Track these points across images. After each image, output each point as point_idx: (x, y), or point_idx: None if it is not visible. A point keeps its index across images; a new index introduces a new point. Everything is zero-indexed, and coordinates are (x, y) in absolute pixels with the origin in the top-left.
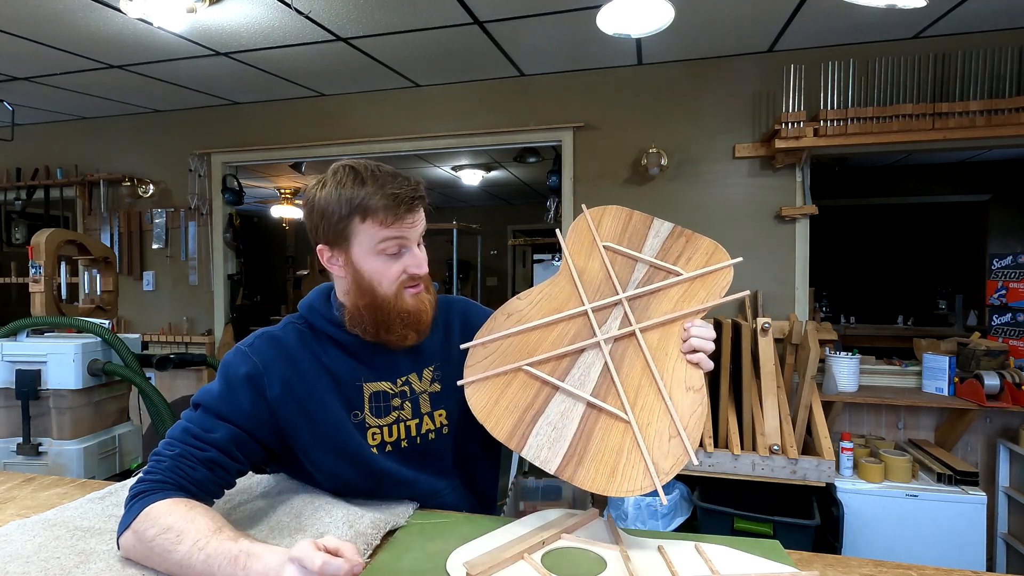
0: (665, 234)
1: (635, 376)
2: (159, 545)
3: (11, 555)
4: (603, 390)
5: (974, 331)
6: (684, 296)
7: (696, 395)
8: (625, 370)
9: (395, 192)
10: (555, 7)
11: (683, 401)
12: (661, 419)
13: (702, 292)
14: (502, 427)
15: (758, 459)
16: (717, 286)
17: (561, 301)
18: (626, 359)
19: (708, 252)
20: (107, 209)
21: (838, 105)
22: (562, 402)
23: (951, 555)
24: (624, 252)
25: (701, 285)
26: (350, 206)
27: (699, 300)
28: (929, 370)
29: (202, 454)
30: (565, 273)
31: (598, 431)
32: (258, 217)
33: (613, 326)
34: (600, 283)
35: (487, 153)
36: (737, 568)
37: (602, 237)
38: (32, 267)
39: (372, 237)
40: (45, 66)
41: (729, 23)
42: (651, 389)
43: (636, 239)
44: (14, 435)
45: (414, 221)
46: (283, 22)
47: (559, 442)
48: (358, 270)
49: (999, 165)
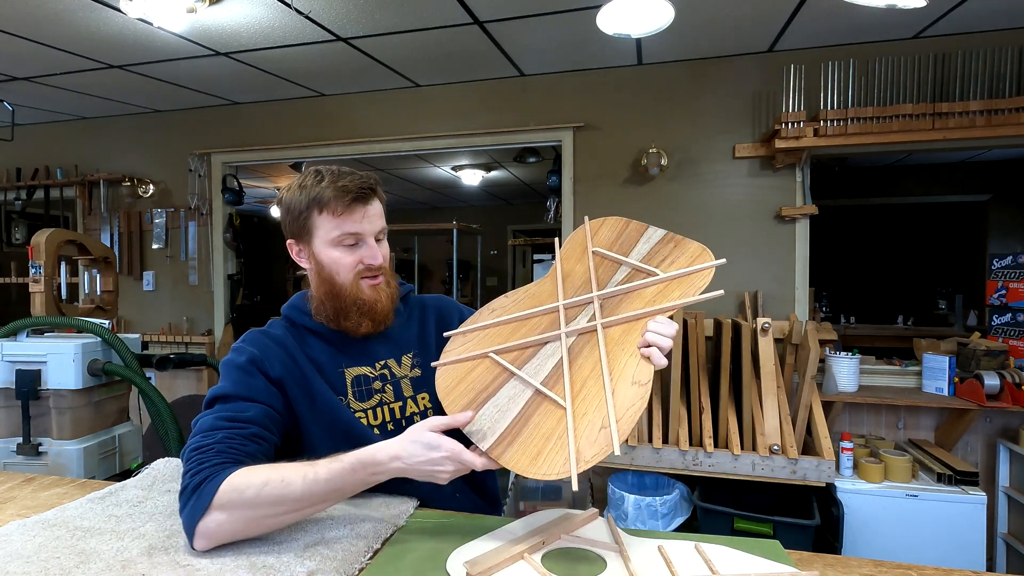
0: (655, 240)
1: (587, 368)
2: (268, 496)
3: (11, 555)
4: (553, 379)
5: (974, 331)
6: (658, 296)
7: (639, 389)
8: (579, 362)
9: (344, 184)
10: (555, 7)
11: (625, 395)
12: (598, 410)
13: (676, 292)
14: (457, 405)
15: (758, 459)
16: (693, 287)
17: (542, 299)
18: (583, 352)
19: (693, 255)
20: (107, 209)
21: (838, 105)
22: (513, 387)
23: (951, 555)
24: (610, 256)
25: (677, 286)
26: (308, 199)
27: (672, 300)
28: (929, 370)
29: (245, 430)
30: (552, 274)
31: (536, 416)
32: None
33: (581, 322)
34: (582, 284)
35: (487, 153)
36: (737, 568)
37: (595, 244)
38: (32, 267)
39: (329, 230)
40: (45, 66)
41: (729, 23)
42: (598, 381)
43: (627, 245)
44: (14, 435)
45: (366, 214)
46: (283, 22)
47: (499, 423)
48: (319, 261)
49: (999, 165)
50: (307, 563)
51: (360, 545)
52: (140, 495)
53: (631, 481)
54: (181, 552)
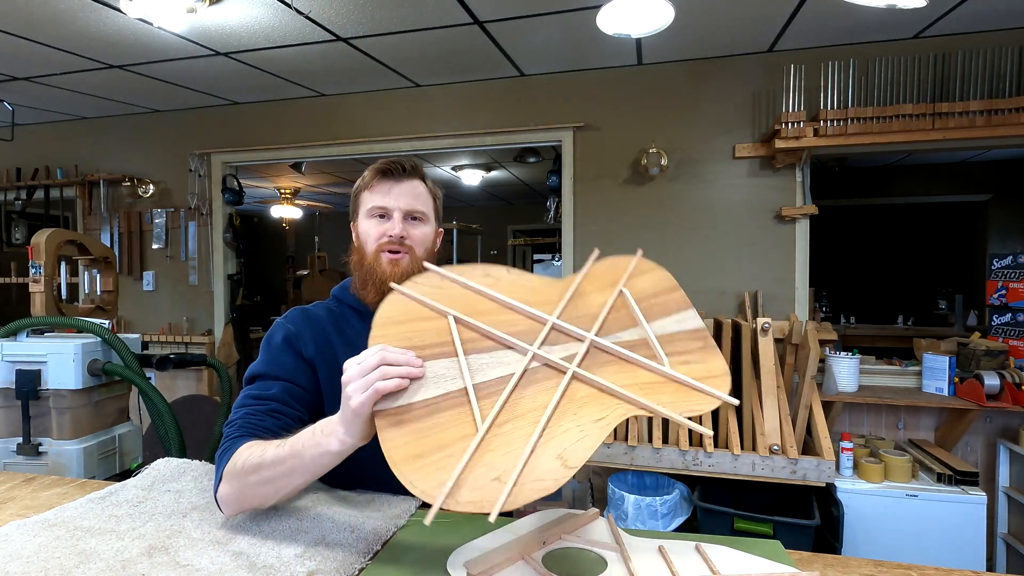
0: (688, 326)
1: (528, 405)
2: (248, 464)
3: (11, 555)
4: (487, 391)
5: (974, 331)
6: (648, 387)
7: (562, 470)
8: (525, 394)
9: (383, 165)
10: (555, 7)
11: (543, 463)
12: (507, 457)
13: (666, 396)
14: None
15: (758, 459)
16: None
17: (539, 300)
18: (536, 385)
19: (711, 372)
20: (107, 209)
21: (838, 105)
22: (447, 368)
23: (951, 555)
24: (634, 311)
25: (672, 390)
26: (360, 184)
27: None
28: (929, 370)
29: (264, 406)
30: (566, 284)
31: (447, 415)
32: (258, 217)
33: (556, 352)
34: (586, 315)
35: (487, 153)
36: (738, 568)
37: (630, 286)
38: (32, 267)
39: (365, 204)
40: (45, 66)
41: (729, 23)
42: (528, 428)
43: (657, 311)
44: (14, 435)
45: (392, 189)
46: (283, 22)
47: (406, 396)
48: (357, 233)
49: (999, 165)
50: (307, 563)
51: (360, 546)
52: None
53: (631, 481)
54: (181, 552)
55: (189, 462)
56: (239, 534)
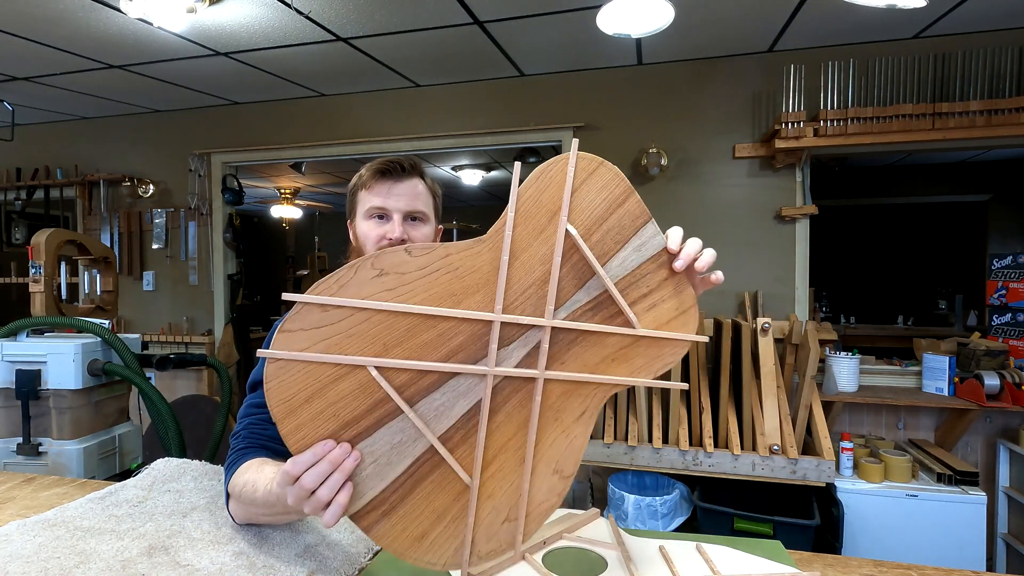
0: (650, 251)
1: (507, 431)
2: (246, 496)
3: (11, 555)
4: (459, 435)
5: (974, 331)
6: (619, 353)
7: (561, 482)
8: (500, 419)
9: (381, 164)
10: (555, 7)
11: (542, 484)
12: (508, 495)
13: (639, 360)
14: (306, 436)
15: (758, 459)
16: (659, 358)
17: (468, 284)
18: (508, 405)
19: (681, 308)
20: (107, 209)
21: (838, 105)
22: (399, 432)
23: (951, 555)
24: (586, 254)
25: (643, 348)
26: (355, 181)
27: (628, 369)
28: (929, 370)
29: (267, 414)
30: (494, 244)
31: (427, 484)
32: (258, 217)
33: (515, 355)
34: (532, 284)
35: (487, 153)
36: (738, 568)
37: (574, 211)
38: (32, 267)
39: (363, 205)
40: (45, 66)
41: (729, 23)
42: (516, 454)
43: (613, 238)
44: (14, 435)
45: (391, 189)
46: (283, 22)
47: (374, 480)
48: (355, 234)
49: (999, 165)
50: (307, 563)
51: (360, 546)
52: (140, 495)
53: (631, 481)
54: (181, 552)
55: (189, 462)
56: (239, 534)
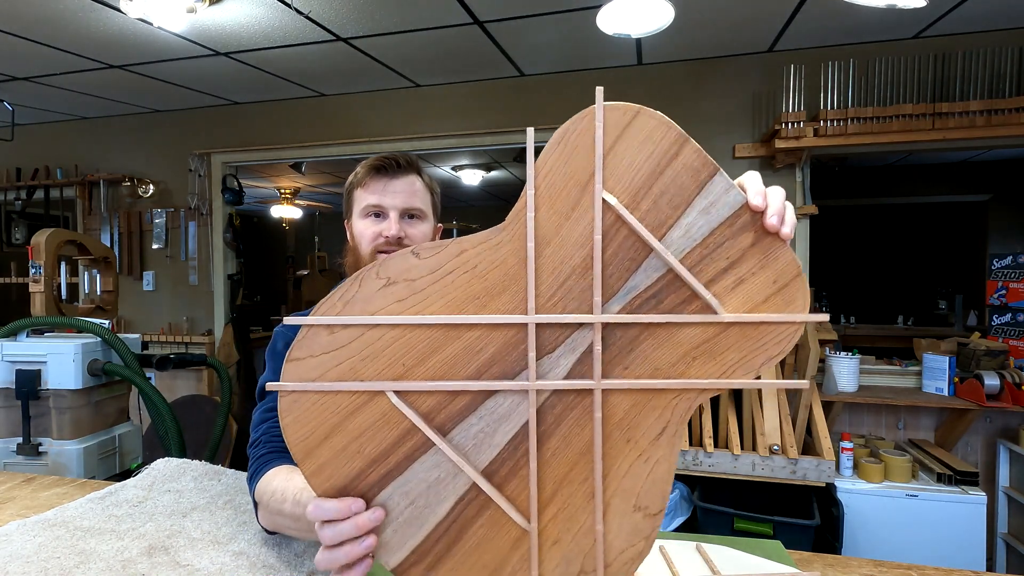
0: (724, 212)
1: (567, 459)
2: (273, 507)
3: (11, 555)
4: (507, 467)
5: (974, 331)
6: (701, 349)
7: (646, 522)
8: (555, 445)
9: (376, 160)
10: (555, 7)
11: (622, 525)
12: (577, 540)
13: (731, 354)
14: (330, 477)
15: (758, 459)
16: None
17: (492, 284)
18: (563, 427)
19: (780, 280)
20: (107, 209)
21: (838, 105)
22: (435, 467)
23: (951, 555)
24: (635, 227)
25: (734, 338)
26: (353, 180)
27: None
28: (929, 370)
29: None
30: (515, 231)
31: (476, 529)
32: (258, 217)
33: (563, 363)
34: (571, 274)
35: (487, 153)
36: (738, 568)
37: (612, 176)
38: (32, 267)
39: (359, 203)
40: (45, 66)
41: (729, 23)
42: (582, 488)
43: (669, 202)
44: (14, 435)
45: (387, 186)
46: (283, 22)
47: (413, 527)
48: (352, 233)
49: (999, 165)
50: (307, 563)
51: None
52: (140, 495)
53: None
54: (181, 552)
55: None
56: (239, 534)
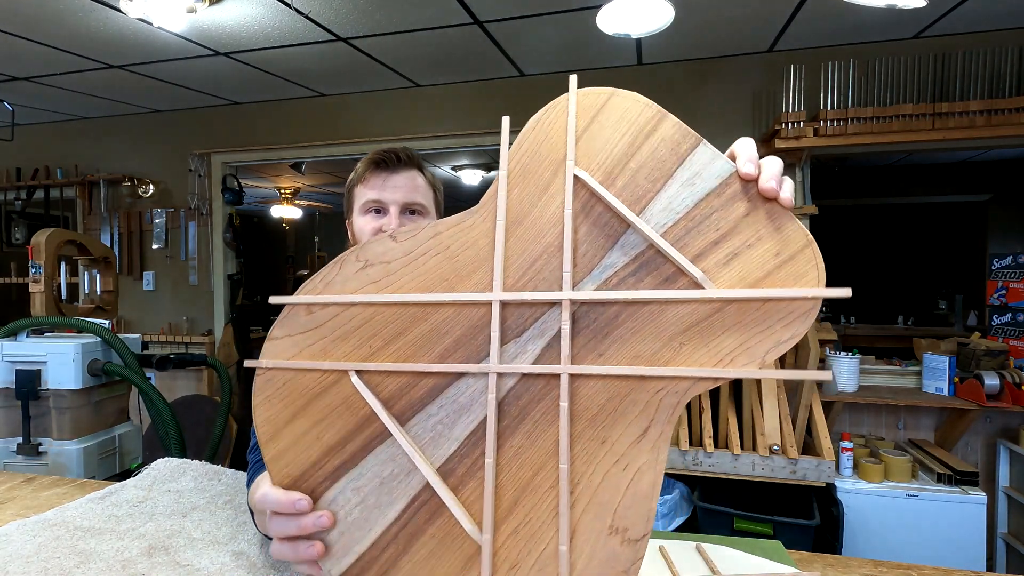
0: (710, 183)
1: (532, 461)
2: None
3: (11, 555)
4: (464, 466)
5: (974, 331)
6: (690, 332)
7: (625, 549)
8: (518, 442)
9: (376, 155)
10: (555, 7)
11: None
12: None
13: (729, 339)
14: (287, 464)
15: (758, 459)
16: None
17: (462, 265)
18: (528, 422)
19: (784, 252)
20: (107, 209)
21: (838, 105)
22: (390, 460)
23: (951, 555)
24: (610, 202)
25: (732, 318)
26: (353, 177)
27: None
28: (929, 370)
29: None
30: (489, 212)
31: (427, 539)
32: (258, 217)
33: (530, 349)
34: (544, 253)
35: (487, 153)
36: (738, 568)
37: (585, 155)
38: (32, 267)
39: (359, 199)
40: (45, 66)
41: (729, 23)
42: (547, 497)
43: (647, 176)
44: (14, 435)
45: (386, 181)
46: (283, 22)
47: (360, 530)
48: (352, 231)
49: (999, 165)
50: None
51: None
52: (140, 495)
53: None
54: (181, 552)
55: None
56: (239, 534)
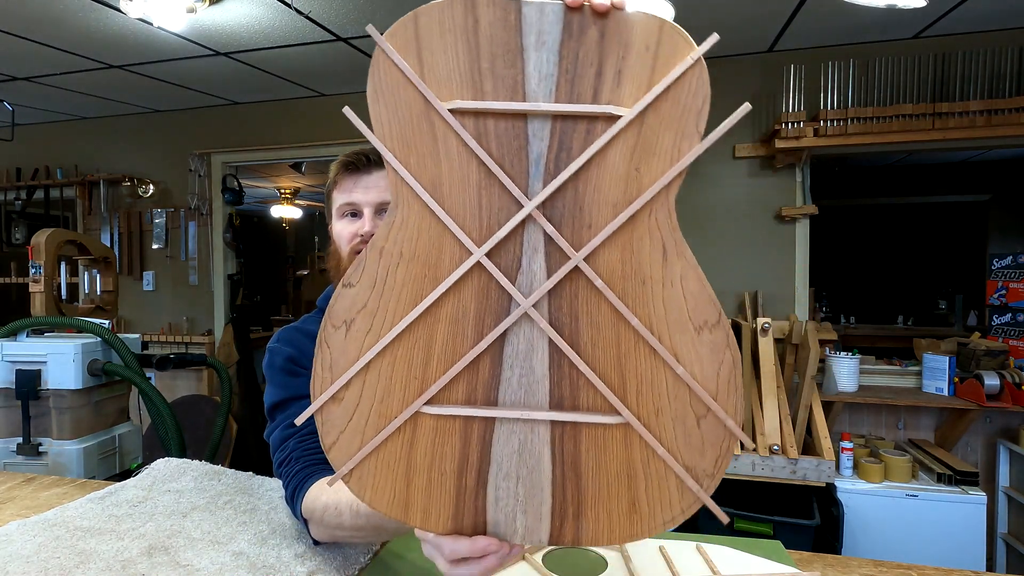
0: (556, 31)
1: (606, 340)
2: (329, 520)
3: (11, 555)
4: (566, 388)
5: (974, 331)
6: (638, 151)
7: (716, 334)
8: (586, 339)
9: (345, 157)
10: None
11: (697, 351)
12: (674, 395)
13: (666, 136)
14: (439, 514)
15: (758, 459)
16: (685, 112)
17: (426, 254)
18: (581, 318)
19: (649, 42)
20: (107, 209)
21: (838, 105)
22: (510, 436)
23: (951, 555)
24: (494, 107)
25: (654, 121)
26: (328, 183)
27: (661, 161)
28: (929, 370)
29: (305, 428)
30: (405, 195)
31: (586, 454)
32: (258, 217)
33: (535, 269)
34: (479, 191)
35: None
36: (738, 568)
37: (438, 88)
38: (32, 267)
39: (336, 202)
40: (45, 66)
41: (729, 23)
42: (639, 351)
43: (504, 63)
44: (14, 435)
45: (357, 182)
46: (283, 22)
47: (536, 496)
48: (332, 236)
49: (999, 165)
50: (307, 563)
51: (360, 546)
52: (140, 495)
53: None
54: (181, 552)
55: (189, 462)
56: (239, 534)
